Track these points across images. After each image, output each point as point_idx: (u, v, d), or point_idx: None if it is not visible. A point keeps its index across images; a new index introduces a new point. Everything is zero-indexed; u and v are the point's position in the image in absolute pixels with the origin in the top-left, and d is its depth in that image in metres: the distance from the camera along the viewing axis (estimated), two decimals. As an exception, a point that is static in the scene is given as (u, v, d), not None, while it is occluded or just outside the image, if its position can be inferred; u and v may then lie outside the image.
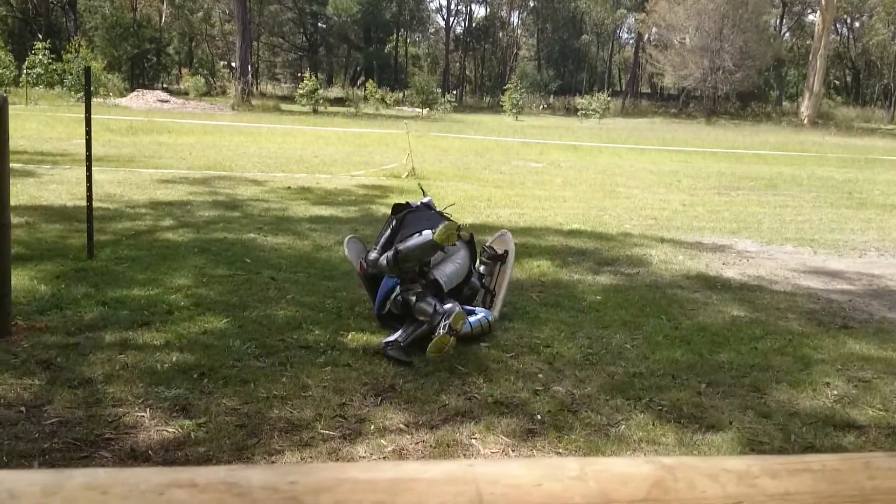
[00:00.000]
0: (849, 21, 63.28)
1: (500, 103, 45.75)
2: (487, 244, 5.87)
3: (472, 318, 4.91)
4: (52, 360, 4.22)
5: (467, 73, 72.24)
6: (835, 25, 55.27)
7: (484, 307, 5.35)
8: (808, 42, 55.87)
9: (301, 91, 38.55)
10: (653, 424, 3.83)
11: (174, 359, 4.32)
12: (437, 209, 5.41)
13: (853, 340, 5.35)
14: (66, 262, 6.23)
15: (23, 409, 3.65)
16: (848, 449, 3.68)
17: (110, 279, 5.83)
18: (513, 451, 3.52)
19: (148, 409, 3.71)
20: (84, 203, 6.67)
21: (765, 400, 4.21)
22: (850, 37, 64.77)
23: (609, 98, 47.57)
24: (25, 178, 10.75)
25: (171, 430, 3.53)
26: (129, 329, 4.76)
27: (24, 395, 3.79)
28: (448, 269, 5.11)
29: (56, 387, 3.89)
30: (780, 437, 3.77)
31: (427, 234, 4.73)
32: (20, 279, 5.64)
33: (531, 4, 67.17)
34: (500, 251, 5.74)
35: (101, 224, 7.59)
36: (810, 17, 59.46)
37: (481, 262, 5.69)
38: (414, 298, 4.81)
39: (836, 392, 4.37)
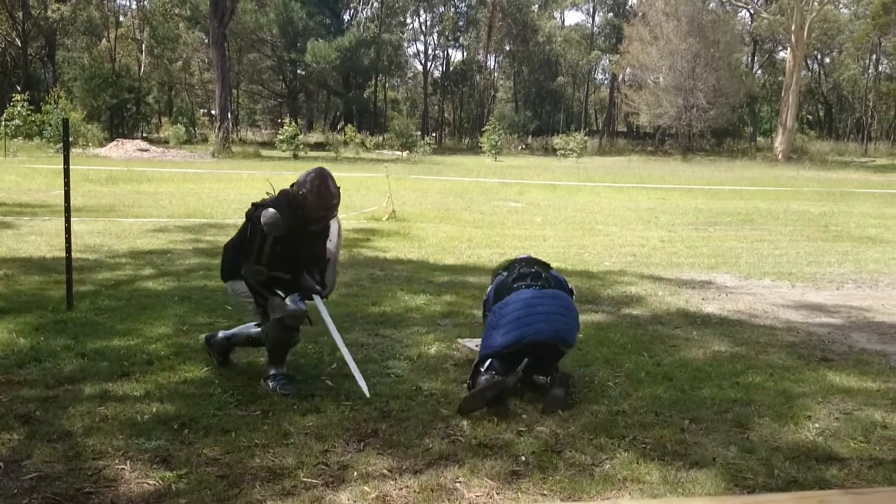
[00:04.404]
0: (819, 57, 64.57)
1: (479, 144, 46.10)
2: None
3: None
4: (30, 413, 4.18)
5: (446, 115, 72.84)
6: (806, 62, 56.38)
7: None
8: (779, 78, 56.87)
9: (281, 137, 38.69)
10: (637, 463, 3.83)
11: (154, 409, 4.28)
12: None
13: (833, 373, 5.38)
14: (45, 314, 6.18)
15: (1, 464, 3.60)
16: (831, 482, 3.69)
17: (90, 330, 5.79)
18: (497, 493, 3.50)
19: (128, 462, 3.67)
20: (63, 254, 6.64)
21: (748, 435, 4.22)
22: (821, 72, 66.02)
23: (586, 137, 48.11)
24: (4, 230, 10.70)
25: (151, 482, 3.49)
26: (109, 380, 4.72)
27: (1, 450, 3.75)
28: None
29: (35, 441, 3.84)
30: (763, 472, 3.78)
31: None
32: (-2, 332, 5.60)
33: (507, 48, 68.02)
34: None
35: (81, 275, 7.55)
36: (781, 54, 60.62)
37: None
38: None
39: (818, 425, 4.39)
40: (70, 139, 6.84)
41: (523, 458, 3.84)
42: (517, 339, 4.69)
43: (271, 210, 4.63)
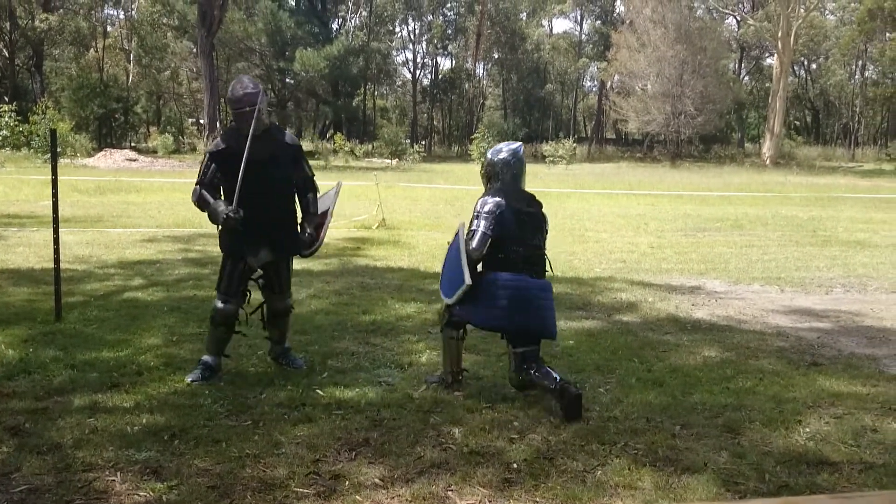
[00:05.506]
0: (806, 63, 64.96)
1: (469, 152, 46.11)
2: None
3: None
4: (20, 425, 4.15)
5: (435, 123, 72.95)
6: (792, 68, 56.67)
7: None
8: (767, 85, 57.16)
9: (270, 146, 38.54)
10: (629, 469, 3.83)
11: (144, 420, 4.27)
12: None
13: (823, 377, 5.40)
14: (34, 326, 6.15)
15: (-11, 478, 3.57)
16: (822, 487, 3.70)
17: (79, 341, 5.76)
18: (490, 501, 3.50)
19: (119, 473, 3.65)
20: (52, 265, 6.61)
21: (738, 440, 4.23)
22: (808, 78, 66.43)
23: (575, 144, 48.16)
24: (-9, 242, 10.64)
25: (142, 493, 3.47)
26: (99, 392, 4.69)
27: (-10, 463, 3.72)
28: None
29: (24, 453, 3.82)
30: (754, 476, 3.78)
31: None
32: (-14, 344, 5.56)
33: (496, 56, 68.22)
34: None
35: (70, 286, 7.51)
36: (768, 60, 60.90)
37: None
38: None
39: (808, 429, 4.40)
40: (58, 149, 6.82)
41: (515, 466, 3.84)
42: (503, 328, 4.84)
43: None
